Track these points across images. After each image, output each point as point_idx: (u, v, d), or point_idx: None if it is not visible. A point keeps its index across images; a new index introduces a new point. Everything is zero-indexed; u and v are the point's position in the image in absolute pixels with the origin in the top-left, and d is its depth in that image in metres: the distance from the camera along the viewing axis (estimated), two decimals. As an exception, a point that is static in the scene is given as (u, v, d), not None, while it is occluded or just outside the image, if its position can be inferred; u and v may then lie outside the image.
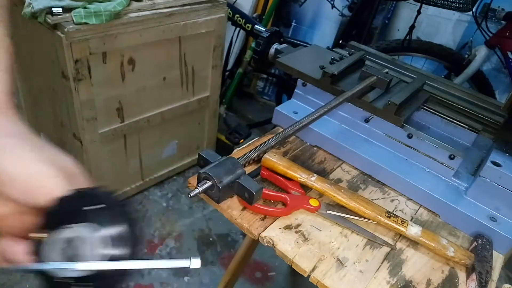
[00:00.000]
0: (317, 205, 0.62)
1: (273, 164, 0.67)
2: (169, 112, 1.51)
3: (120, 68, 1.25)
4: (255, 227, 0.58)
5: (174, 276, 1.39)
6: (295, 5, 2.30)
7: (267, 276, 1.45)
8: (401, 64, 0.94)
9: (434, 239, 0.60)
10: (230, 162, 0.37)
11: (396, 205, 0.69)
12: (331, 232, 0.60)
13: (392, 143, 0.73)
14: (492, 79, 1.79)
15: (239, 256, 1.05)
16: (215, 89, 1.65)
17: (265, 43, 0.86)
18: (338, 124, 0.78)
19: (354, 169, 0.75)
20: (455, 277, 0.58)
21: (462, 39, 1.96)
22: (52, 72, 1.21)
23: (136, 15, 1.19)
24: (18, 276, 1.31)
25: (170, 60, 1.40)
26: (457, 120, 0.74)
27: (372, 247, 0.59)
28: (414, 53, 1.76)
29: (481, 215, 0.63)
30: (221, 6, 1.43)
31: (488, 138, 0.77)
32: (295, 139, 0.80)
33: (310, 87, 0.79)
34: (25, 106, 1.64)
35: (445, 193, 0.66)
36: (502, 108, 0.83)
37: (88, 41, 1.11)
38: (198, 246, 1.52)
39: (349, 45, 0.99)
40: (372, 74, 0.73)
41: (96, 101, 1.24)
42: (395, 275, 0.56)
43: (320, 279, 0.53)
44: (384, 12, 2.15)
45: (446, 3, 1.34)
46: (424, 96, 0.78)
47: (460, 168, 0.69)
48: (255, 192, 0.36)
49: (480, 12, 1.78)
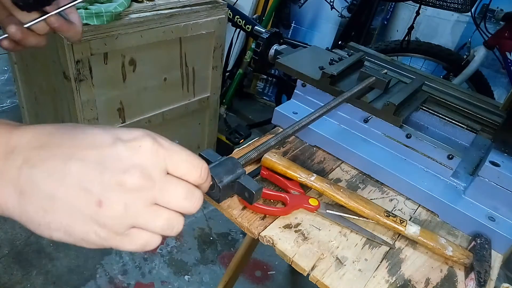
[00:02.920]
0: (317, 205, 0.62)
1: (273, 164, 0.67)
2: (170, 112, 1.51)
3: (121, 69, 1.26)
4: (255, 226, 0.59)
5: (175, 275, 1.40)
6: (294, 6, 2.31)
7: (267, 275, 1.46)
8: (400, 64, 0.94)
9: (432, 238, 0.60)
10: (230, 162, 0.38)
11: (395, 204, 0.69)
12: (330, 231, 0.61)
13: (391, 143, 0.73)
14: (491, 80, 1.79)
15: (239, 255, 1.06)
16: (215, 90, 1.65)
17: (265, 44, 0.87)
18: (337, 124, 0.78)
19: (353, 169, 0.75)
20: (453, 276, 0.58)
21: (461, 40, 1.96)
22: (54, 72, 1.22)
23: (137, 16, 1.19)
24: (19, 275, 1.32)
25: (171, 61, 1.40)
26: (455, 120, 0.74)
27: (371, 246, 0.60)
28: (413, 54, 1.76)
29: (479, 215, 0.64)
30: (221, 7, 1.44)
31: (486, 138, 0.77)
32: (295, 139, 0.80)
33: (310, 88, 0.79)
34: (27, 106, 1.64)
35: (443, 193, 0.67)
36: (500, 108, 0.83)
37: (89, 42, 1.11)
38: (199, 245, 1.53)
39: (348, 46, 0.99)
40: (371, 75, 0.74)
41: (98, 102, 1.25)
42: (394, 274, 0.56)
43: (320, 278, 0.53)
44: (383, 13, 2.15)
45: (445, 4, 1.34)
46: (422, 96, 0.78)
47: (459, 168, 0.69)
48: (255, 192, 0.37)
49: (478, 12, 1.78)
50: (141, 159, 0.26)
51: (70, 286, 1.31)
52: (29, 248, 1.41)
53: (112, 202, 0.25)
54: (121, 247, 0.27)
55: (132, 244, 0.27)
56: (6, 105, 2.10)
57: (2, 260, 1.35)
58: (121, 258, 1.43)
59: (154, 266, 1.42)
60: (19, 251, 1.39)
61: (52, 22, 0.50)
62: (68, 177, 0.25)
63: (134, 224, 0.27)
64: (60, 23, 0.51)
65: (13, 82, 1.69)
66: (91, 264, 1.39)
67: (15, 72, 1.55)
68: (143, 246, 0.28)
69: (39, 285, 1.30)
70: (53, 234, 0.26)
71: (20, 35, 0.48)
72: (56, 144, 0.26)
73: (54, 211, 0.25)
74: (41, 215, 0.25)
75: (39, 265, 1.36)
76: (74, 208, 0.25)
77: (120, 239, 0.27)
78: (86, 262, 1.39)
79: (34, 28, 0.50)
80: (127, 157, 0.26)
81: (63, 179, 0.25)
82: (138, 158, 0.26)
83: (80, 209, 0.25)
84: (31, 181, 0.25)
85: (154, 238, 0.28)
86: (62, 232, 0.26)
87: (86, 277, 1.34)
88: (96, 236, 0.26)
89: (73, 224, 0.25)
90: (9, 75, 2.13)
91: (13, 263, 1.35)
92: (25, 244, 1.42)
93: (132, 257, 1.44)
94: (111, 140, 0.26)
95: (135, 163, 0.26)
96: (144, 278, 1.37)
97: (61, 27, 0.51)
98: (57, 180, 0.25)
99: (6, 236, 1.44)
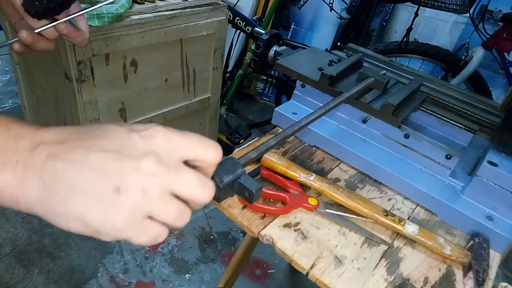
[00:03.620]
0: (316, 204, 0.63)
1: (273, 163, 0.68)
2: (171, 113, 1.52)
3: (122, 70, 1.27)
4: (255, 225, 0.59)
5: (176, 274, 1.40)
6: (294, 8, 2.31)
7: (267, 273, 1.46)
8: (399, 65, 0.95)
9: (431, 237, 0.60)
10: (230, 162, 0.38)
11: (393, 204, 0.70)
12: (329, 230, 0.61)
13: (389, 143, 0.73)
14: (489, 80, 1.80)
15: (239, 253, 1.06)
16: (216, 91, 1.66)
17: (264, 45, 0.87)
18: (336, 125, 0.79)
19: (352, 168, 0.76)
20: (452, 275, 0.58)
21: (459, 41, 1.96)
22: (55, 73, 1.23)
23: (138, 18, 1.20)
24: (21, 274, 1.32)
25: (172, 62, 1.41)
26: (453, 121, 0.75)
27: (370, 245, 0.60)
28: (411, 55, 1.76)
29: (477, 214, 0.64)
30: (222, 9, 1.45)
31: (484, 138, 0.78)
32: (294, 139, 0.81)
33: (309, 89, 0.80)
34: (29, 106, 1.65)
35: (442, 192, 0.67)
36: (498, 108, 0.84)
37: (90, 43, 1.12)
38: (199, 244, 1.53)
39: (347, 47, 1.00)
40: (369, 76, 0.74)
41: (99, 102, 1.26)
42: (392, 273, 0.56)
43: (319, 276, 0.54)
44: (381, 14, 2.16)
45: (444, 5, 1.35)
46: (421, 97, 0.79)
47: (457, 167, 0.69)
48: (255, 191, 0.37)
49: (477, 13, 1.79)
50: (156, 146, 0.28)
51: (71, 285, 1.32)
52: (30, 247, 1.41)
53: (130, 187, 0.26)
54: (135, 239, 0.28)
55: (145, 235, 0.28)
56: (8, 106, 2.10)
57: (4, 259, 1.36)
58: (122, 257, 1.43)
59: (155, 264, 1.42)
60: (20, 250, 1.40)
61: (61, 29, 0.53)
62: (88, 166, 0.26)
63: (150, 212, 0.28)
64: (68, 30, 0.54)
65: (15, 83, 1.70)
66: (92, 263, 1.39)
67: (17, 73, 1.56)
68: (154, 238, 0.29)
69: (41, 284, 1.30)
70: (71, 224, 0.27)
71: (30, 40, 0.51)
72: (77, 139, 0.28)
73: (73, 200, 0.26)
74: (61, 205, 0.27)
75: (40, 264, 1.36)
76: (93, 196, 0.26)
77: (134, 231, 0.28)
78: (87, 261, 1.40)
79: (44, 33, 0.52)
80: (142, 145, 0.28)
81: (83, 169, 0.26)
82: (153, 145, 0.28)
83: (98, 197, 0.26)
84: (55, 173, 0.27)
85: (164, 230, 0.29)
86: (79, 222, 0.27)
87: (88, 276, 1.35)
88: (111, 227, 0.27)
89: (90, 214, 0.26)
90: (11, 75, 2.13)
91: (15, 262, 1.35)
92: (26, 244, 1.42)
93: (133, 256, 1.44)
94: (126, 131, 0.28)
95: (150, 150, 0.28)
96: (145, 277, 1.38)
97: (70, 34, 0.54)
98: (77, 170, 0.26)
99: (7, 235, 1.44)
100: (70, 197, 0.26)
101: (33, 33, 0.51)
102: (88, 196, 0.26)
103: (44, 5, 0.48)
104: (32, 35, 0.51)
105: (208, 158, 0.31)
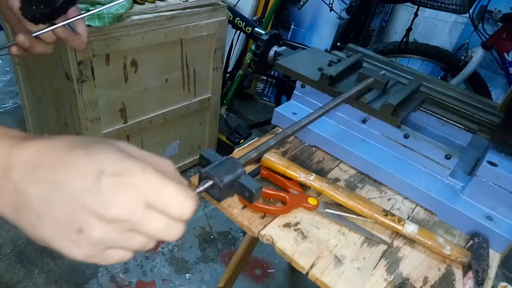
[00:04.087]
0: (316, 204, 0.63)
1: (273, 163, 0.68)
2: (171, 113, 1.52)
3: (123, 70, 1.27)
4: (255, 225, 0.59)
5: (176, 273, 1.41)
6: (294, 8, 2.32)
7: (266, 273, 1.46)
8: (398, 66, 0.95)
9: (430, 237, 0.60)
10: (230, 162, 0.38)
11: (393, 204, 0.70)
12: (329, 230, 0.61)
13: (389, 143, 0.74)
14: (489, 81, 1.80)
15: (240, 253, 1.06)
16: (216, 91, 1.66)
17: (264, 45, 0.87)
18: (336, 125, 0.79)
19: (351, 168, 0.76)
20: (451, 275, 0.58)
21: (459, 41, 1.96)
22: (56, 73, 1.23)
23: (138, 18, 1.20)
24: (21, 274, 1.33)
25: (172, 62, 1.41)
26: (453, 121, 0.75)
27: (370, 245, 0.60)
28: (411, 55, 1.76)
29: (477, 214, 0.64)
30: (222, 10, 1.45)
31: (484, 138, 0.78)
32: (294, 139, 0.81)
33: (309, 89, 0.80)
34: (29, 106, 1.65)
35: (441, 192, 0.67)
36: (498, 108, 0.84)
37: (91, 43, 1.12)
38: (200, 243, 1.53)
39: (347, 48, 1.00)
40: (369, 76, 0.74)
41: (100, 102, 1.26)
42: (392, 273, 0.56)
43: (319, 276, 0.54)
44: (381, 14, 2.16)
45: (443, 6, 1.35)
46: (420, 97, 0.79)
47: (456, 167, 0.69)
48: (255, 191, 0.37)
49: (476, 14, 1.79)
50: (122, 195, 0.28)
51: (72, 285, 1.32)
52: (31, 247, 1.41)
53: (91, 231, 0.28)
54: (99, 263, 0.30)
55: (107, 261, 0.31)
56: (8, 106, 2.10)
57: (5, 259, 1.36)
58: (122, 258, 1.43)
59: (156, 264, 1.43)
60: (21, 250, 1.40)
61: (59, 33, 0.53)
62: (55, 203, 0.28)
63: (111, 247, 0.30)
64: (66, 34, 0.54)
65: (15, 83, 1.70)
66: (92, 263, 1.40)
67: (18, 73, 1.56)
68: (117, 261, 0.31)
69: (41, 283, 1.31)
70: (40, 243, 0.30)
71: (28, 44, 0.51)
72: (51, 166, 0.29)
73: (40, 228, 0.28)
74: (30, 229, 0.29)
75: (41, 264, 1.37)
76: (58, 229, 0.28)
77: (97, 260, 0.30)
78: (87, 261, 1.40)
79: (42, 37, 0.52)
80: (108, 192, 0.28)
81: (50, 204, 0.28)
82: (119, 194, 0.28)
83: (62, 231, 0.28)
84: (24, 200, 0.28)
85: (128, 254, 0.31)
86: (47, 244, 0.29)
87: (88, 276, 1.35)
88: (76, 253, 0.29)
89: (55, 243, 0.29)
90: (12, 75, 2.14)
91: (15, 262, 1.36)
92: (27, 243, 1.42)
93: (133, 255, 1.44)
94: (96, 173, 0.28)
95: (115, 199, 0.28)
96: (146, 277, 1.38)
97: (68, 37, 0.55)
98: (45, 203, 0.28)
99: (8, 235, 1.44)
100: (37, 224, 0.28)
101: (30, 37, 0.51)
102: (53, 228, 0.28)
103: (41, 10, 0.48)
104: (30, 39, 0.51)
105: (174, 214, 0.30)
